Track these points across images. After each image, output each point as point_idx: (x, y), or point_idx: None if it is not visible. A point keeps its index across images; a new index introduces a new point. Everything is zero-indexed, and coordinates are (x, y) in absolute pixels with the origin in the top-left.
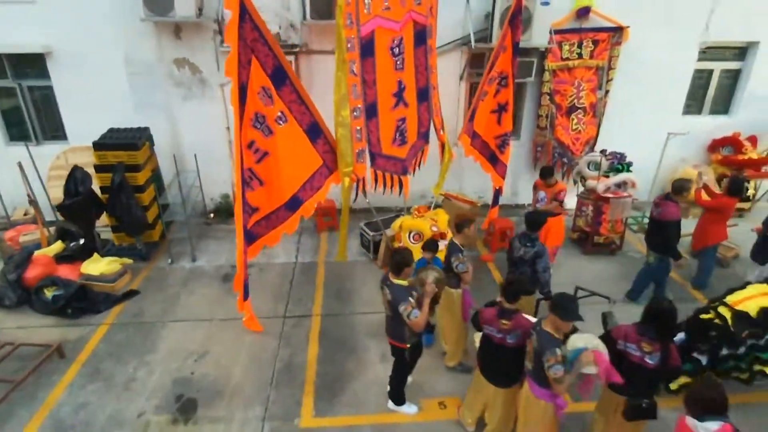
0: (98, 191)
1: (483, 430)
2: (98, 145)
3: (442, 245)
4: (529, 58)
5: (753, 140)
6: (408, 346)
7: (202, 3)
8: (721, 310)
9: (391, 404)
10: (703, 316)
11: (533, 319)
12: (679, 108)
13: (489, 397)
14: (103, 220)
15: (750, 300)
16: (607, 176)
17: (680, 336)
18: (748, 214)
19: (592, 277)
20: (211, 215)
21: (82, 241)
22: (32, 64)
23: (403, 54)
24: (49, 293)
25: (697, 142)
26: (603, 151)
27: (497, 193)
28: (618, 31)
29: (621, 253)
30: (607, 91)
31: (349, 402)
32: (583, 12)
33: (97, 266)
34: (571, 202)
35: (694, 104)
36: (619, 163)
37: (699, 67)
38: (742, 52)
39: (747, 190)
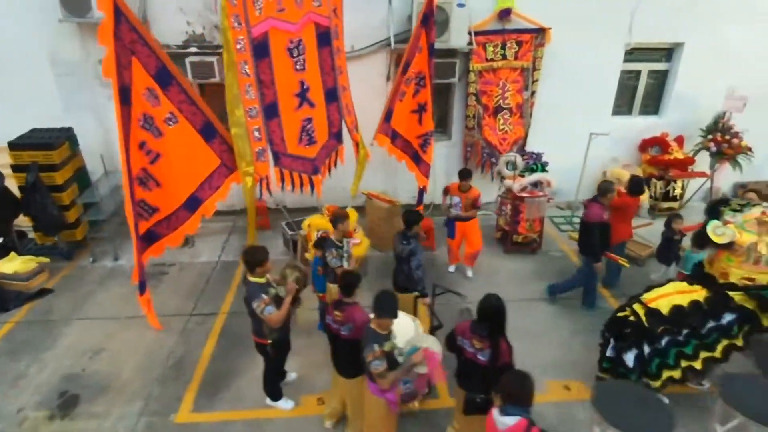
0: (16, 191)
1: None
2: (13, 145)
3: (349, 244)
4: (451, 59)
5: (680, 140)
6: (269, 342)
7: None
8: (636, 307)
9: (268, 400)
10: (620, 313)
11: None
12: (608, 108)
13: (342, 389)
14: (25, 219)
15: (664, 298)
16: (523, 176)
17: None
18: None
19: (509, 275)
20: None
21: (0, 240)
22: None
23: (304, 55)
24: None
25: (628, 143)
26: (522, 151)
27: (421, 192)
28: (540, 33)
29: (542, 252)
30: (533, 92)
31: (230, 398)
32: (504, 13)
33: (11, 265)
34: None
35: (624, 105)
36: (534, 163)
37: (627, 68)
38: (668, 53)
39: (646, 189)
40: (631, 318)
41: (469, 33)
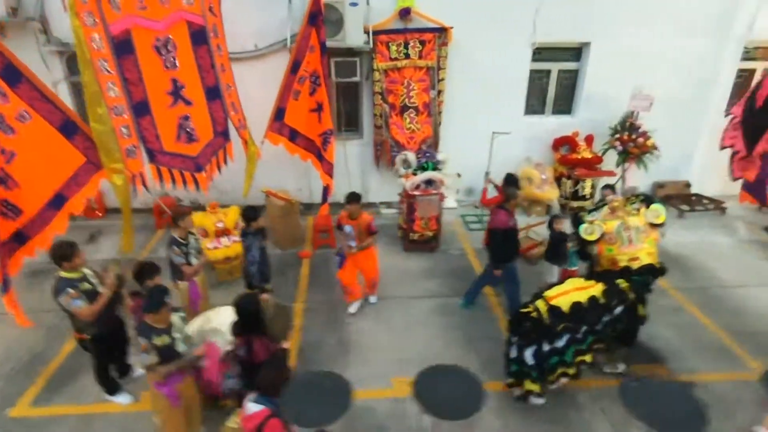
0: None
1: None
2: None
3: (229, 241)
4: (352, 58)
5: (589, 139)
6: (87, 336)
7: (18, 3)
8: (538, 303)
9: (106, 394)
10: (523, 309)
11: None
12: (520, 108)
13: None
14: None
15: (565, 295)
16: (415, 174)
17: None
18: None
19: (400, 273)
20: None
21: None
22: None
23: (174, 53)
24: None
25: (542, 142)
26: (421, 150)
27: (325, 190)
28: (442, 32)
29: (442, 250)
30: (440, 91)
31: (72, 393)
32: (404, 13)
33: None
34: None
35: (537, 104)
36: (426, 162)
37: (537, 68)
38: (577, 52)
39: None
40: (534, 314)
41: (366, 32)
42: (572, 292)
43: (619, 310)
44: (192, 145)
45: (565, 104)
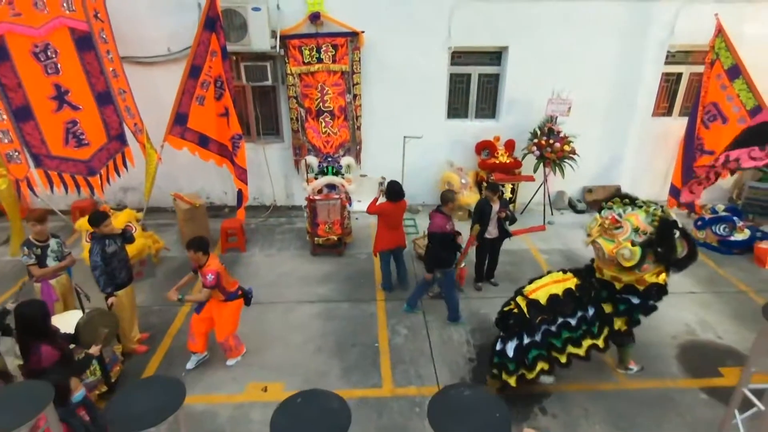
0: None
1: None
2: None
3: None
4: (262, 62)
5: (510, 144)
6: None
7: None
8: (518, 299)
9: None
10: (506, 308)
11: None
12: (442, 111)
13: None
14: None
15: (542, 288)
16: (317, 178)
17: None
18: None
19: (297, 278)
20: None
21: None
22: None
23: (56, 59)
24: None
25: (466, 146)
26: (322, 155)
27: (239, 194)
28: (354, 36)
29: (349, 254)
30: (355, 95)
31: None
32: (314, 17)
33: None
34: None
35: (460, 108)
36: (327, 166)
37: (457, 71)
38: (497, 56)
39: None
40: (515, 310)
41: (273, 36)
42: (550, 285)
43: (591, 312)
44: (82, 149)
45: (488, 108)
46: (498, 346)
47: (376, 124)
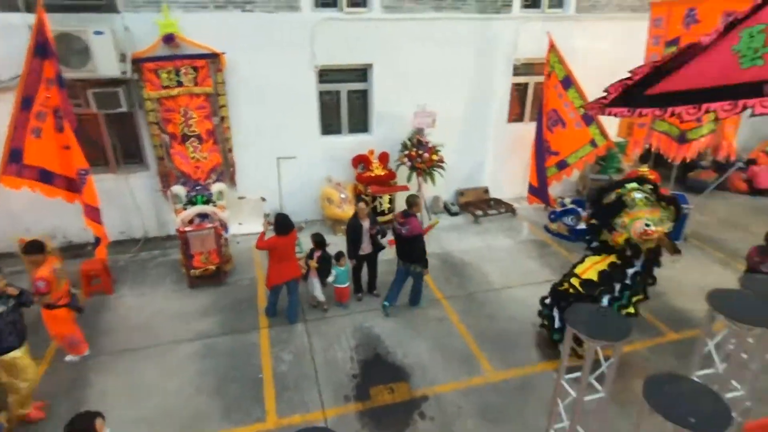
0: None
1: None
2: None
3: None
4: (113, 88)
5: (384, 157)
6: None
7: None
8: (573, 281)
9: None
10: (559, 288)
11: None
12: (315, 128)
13: None
14: None
15: (590, 269)
16: (185, 209)
17: None
18: None
19: (173, 315)
20: None
21: None
22: None
23: None
24: None
25: (343, 162)
26: (188, 181)
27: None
28: (215, 58)
29: (231, 281)
30: (223, 117)
31: None
32: (168, 39)
33: None
34: None
35: (335, 124)
36: (195, 195)
37: (326, 89)
38: (363, 73)
39: (292, 226)
40: (570, 291)
41: (124, 60)
42: (595, 264)
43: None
44: None
45: (361, 123)
46: (557, 324)
47: (249, 145)
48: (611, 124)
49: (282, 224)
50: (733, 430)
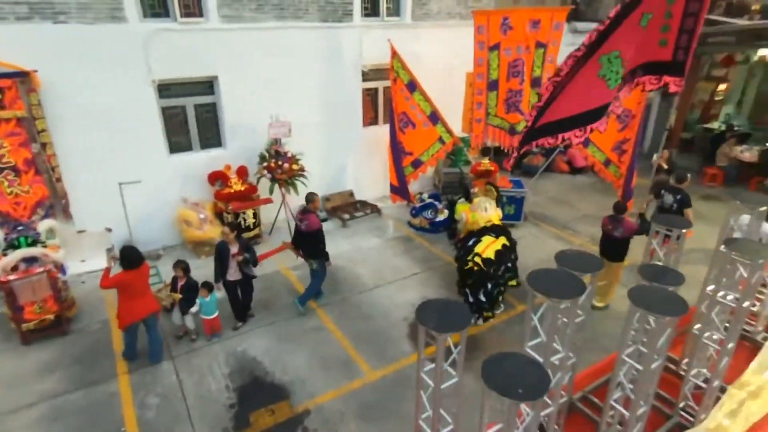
0: None
1: None
2: None
3: None
4: None
5: (242, 171)
6: None
7: None
8: (476, 259)
9: None
10: (465, 267)
11: None
12: (162, 147)
13: None
14: None
15: (488, 248)
16: (5, 254)
17: None
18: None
19: (7, 379)
20: None
21: None
22: None
23: None
24: None
25: (198, 180)
26: (7, 221)
27: None
28: (25, 77)
29: (77, 329)
30: (44, 144)
31: None
32: None
33: None
34: None
35: (184, 141)
36: (17, 238)
37: (169, 104)
38: (209, 86)
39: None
40: (475, 268)
41: None
42: (491, 246)
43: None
44: None
45: (213, 137)
46: (471, 299)
47: (83, 173)
48: (455, 121)
49: (128, 258)
50: (565, 385)
